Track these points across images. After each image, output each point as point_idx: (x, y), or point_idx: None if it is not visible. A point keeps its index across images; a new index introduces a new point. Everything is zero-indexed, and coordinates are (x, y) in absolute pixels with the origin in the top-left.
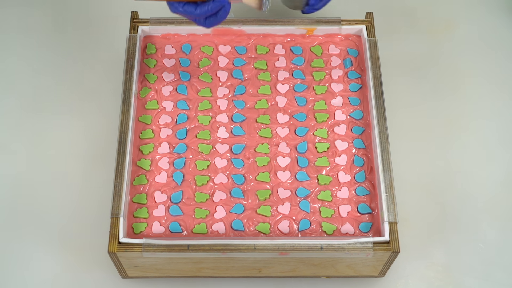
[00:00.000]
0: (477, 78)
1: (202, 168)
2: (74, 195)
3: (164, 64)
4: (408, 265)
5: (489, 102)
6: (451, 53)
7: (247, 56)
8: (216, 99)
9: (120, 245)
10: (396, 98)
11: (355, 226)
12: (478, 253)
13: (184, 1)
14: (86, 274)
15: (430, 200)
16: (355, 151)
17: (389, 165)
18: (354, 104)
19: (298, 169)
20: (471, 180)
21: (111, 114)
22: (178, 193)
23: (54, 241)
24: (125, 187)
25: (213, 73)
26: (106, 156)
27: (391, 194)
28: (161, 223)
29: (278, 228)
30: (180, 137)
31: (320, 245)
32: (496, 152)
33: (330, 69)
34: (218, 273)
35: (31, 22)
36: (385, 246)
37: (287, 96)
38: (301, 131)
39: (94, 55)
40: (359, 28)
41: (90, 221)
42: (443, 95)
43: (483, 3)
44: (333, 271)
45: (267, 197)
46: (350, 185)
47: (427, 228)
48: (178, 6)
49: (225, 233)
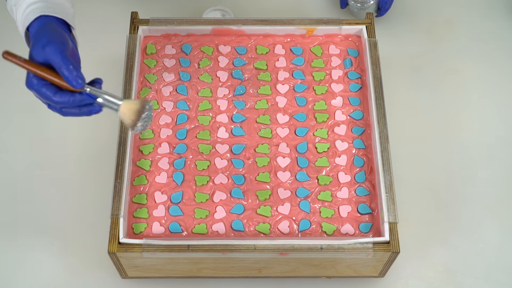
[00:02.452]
0: (477, 78)
1: (202, 169)
2: (74, 195)
3: (164, 64)
4: (408, 265)
5: (489, 102)
6: (451, 53)
7: (247, 56)
8: (216, 99)
9: (120, 245)
10: (396, 98)
11: (355, 227)
12: (478, 253)
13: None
14: (86, 274)
15: (430, 200)
16: (355, 151)
17: (389, 165)
18: (354, 104)
19: (298, 169)
20: (471, 180)
21: (111, 114)
22: (178, 193)
23: (54, 242)
24: (125, 187)
25: (213, 73)
26: (106, 156)
27: (391, 194)
28: (161, 223)
29: (278, 228)
30: (180, 137)
31: (320, 245)
32: (496, 152)
33: (330, 69)
34: (218, 274)
35: None
36: (385, 247)
37: (287, 96)
38: (301, 131)
39: (94, 55)
40: (359, 28)
41: (90, 221)
42: (443, 95)
43: (483, 3)
44: (333, 272)
45: (267, 198)
46: (350, 186)
47: (427, 228)
48: (36, 83)
49: (225, 233)
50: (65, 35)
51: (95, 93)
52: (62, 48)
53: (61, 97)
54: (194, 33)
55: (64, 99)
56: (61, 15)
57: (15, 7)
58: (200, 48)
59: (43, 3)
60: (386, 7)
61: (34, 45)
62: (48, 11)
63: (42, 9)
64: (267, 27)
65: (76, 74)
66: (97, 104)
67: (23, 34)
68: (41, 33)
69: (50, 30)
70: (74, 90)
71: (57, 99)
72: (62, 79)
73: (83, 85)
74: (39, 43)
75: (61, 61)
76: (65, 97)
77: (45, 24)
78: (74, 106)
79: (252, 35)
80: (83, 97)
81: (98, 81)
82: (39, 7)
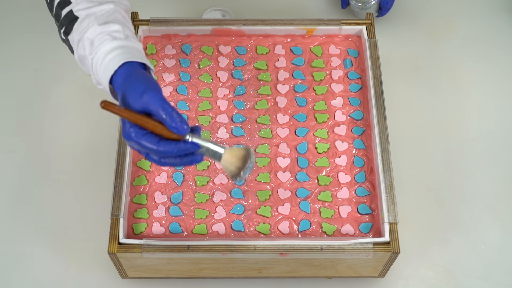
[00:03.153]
0: (477, 78)
1: (202, 169)
2: (74, 195)
3: (164, 65)
4: (408, 265)
5: (489, 102)
6: (451, 53)
7: (247, 56)
8: (216, 99)
9: (120, 245)
10: (396, 98)
11: (355, 227)
12: (478, 253)
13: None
14: (86, 274)
15: (430, 200)
16: (355, 151)
17: (389, 165)
18: (354, 105)
19: (298, 169)
20: (471, 180)
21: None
22: (178, 193)
23: (54, 242)
24: (125, 187)
25: (213, 73)
26: (106, 156)
27: (391, 194)
28: (161, 223)
29: (278, 228)
30: None
31: (320, 245)
32: (496, 152)
33: (330, 69)
34: (218, 274)
35: (31, 23)
36: (385, 247)
37: (287, 96)
38: (301, 131)
39: None
40: (359, 29)
41: (90, 222)
42: (443, 95)
43: (483, 3)
44: (333, 272)
45: (267, 198)
46: (350, 186)
47: (427, 228)
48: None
49: (225, 233)
50: (155, 81)
51: (199, 142)
52: (161, 94)
53: (165, 146)
54: (194, 33)
55: (169, 148)
56: (142, 59)
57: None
58: (200, 48)
59: (122, 49)
60: (388, 7)
61: (129, 94)
62: (130, 57)
63: (124, 56)
64: (267, 27)
65: (180, 120)
66: (199, 153)
67: (106, 84)
68: (133, 80)
69: (141, 77)
70: (176, 138)
71: (162, 148)
72: (164, 128)
73: (188, 131)
74: (135, 91)
75: (164, 109)
76: (169, 147)
77: (132, 71)
78: (176, 155)
79: (252, 35)
80: (187, 146)
81: (197, 129)
82: (120, 53)
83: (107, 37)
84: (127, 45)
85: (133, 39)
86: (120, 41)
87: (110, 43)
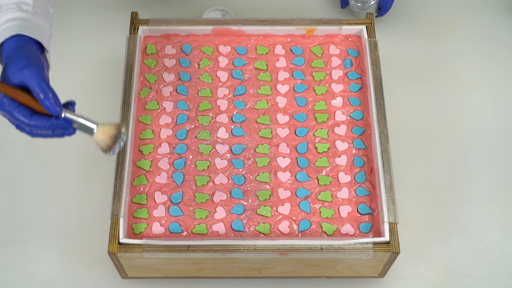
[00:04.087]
0: (477, 78)
1: (202, 169)
2: (74, 195)
3: (164, 65)
4: (408, 265)
5: (489, 102)
6: (451, 53)
7: (247, 56)
8: (216, 99)
9: (120, 245)
10: (396, 98)
11: (355, 227)
12: (478, 253)
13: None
14: (86, 274)
15: (430, 200)
16: (355, 151)
17: (389, 165)
18: (354, 105)
19: (298, 169)
20: (471, 180)
21: (111, 115)
22: (178, 193)
23: (54, 242)
24: (125, 187)
25: (213, 73)
26: (106, 156)
27: (391, 194)
28: (161, 223)
29: (278, 228)
30: (180, 138)
31: (320, 245)
32: (496, 152)
33: (330, 69)
34: (218, 274)
35: None
36: (385, 247)
37: (287, 96)
38: (301, 131)
39: (94, 55)
40: (359, 29)
41: (90, 222)
42: (443, 95)
43: (483, 3)
44: (333, 272)
45: (267, 198)
46: (350, 186)
47: (427, 228)
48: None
49: (225, 233)
50: (42, 59)
51: (71, 118)
52: (42, 73)
53: (37, 121)
54: (194, 33)
55: (40, 123)
56: (39, 37)
57: None
58: (200, 48)
59: (22, 21)
60: (387, 7)
61: (10, 66)
62: (26, 31)
63: (20, 28)
64: (267, 27)
65: (54, 101)
66: (71, 128)
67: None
68: (18, 54)
69: (28, 52)
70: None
71: (33, 123)
72: (37, 103)
73: (61, 112)
74: (17, 64)
75: (40, 87)
76: (41, 121)
77: (22, 44)
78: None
79: (252, 35)
80: (59, 122)
81: (72, 103)
82: (17, 25)
83: (14, 6)
84: (30, 20)
85: (43, 17)
86: (24, 13)
87: (14, 13)
